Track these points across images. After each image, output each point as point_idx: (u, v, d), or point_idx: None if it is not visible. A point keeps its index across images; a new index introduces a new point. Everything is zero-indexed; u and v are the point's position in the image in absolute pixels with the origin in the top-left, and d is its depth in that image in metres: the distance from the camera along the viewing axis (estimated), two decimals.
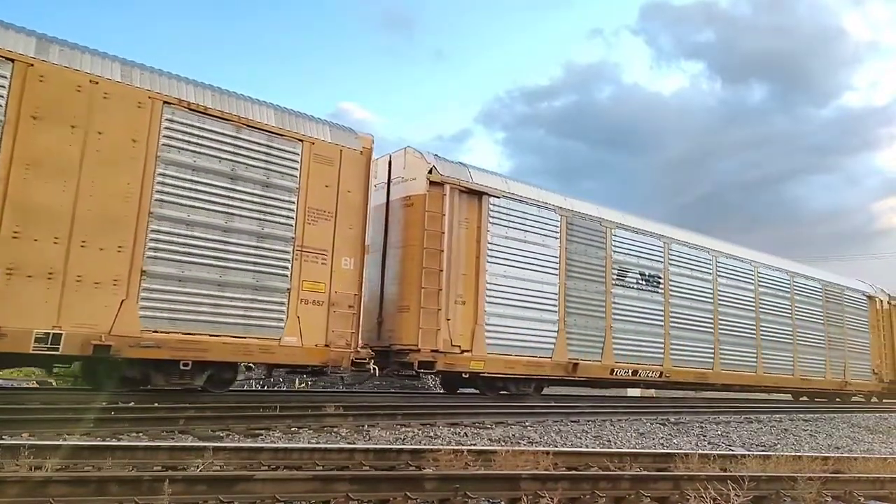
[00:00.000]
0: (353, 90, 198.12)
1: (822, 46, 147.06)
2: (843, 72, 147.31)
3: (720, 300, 16.74)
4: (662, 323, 15.04)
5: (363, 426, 8.27)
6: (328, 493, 4.29)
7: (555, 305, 12.99)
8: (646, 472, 5.56)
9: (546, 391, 14.38)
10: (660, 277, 15.20)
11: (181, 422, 7.43)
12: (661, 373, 14.81)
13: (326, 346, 9.68)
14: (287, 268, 9.50)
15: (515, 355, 12.15)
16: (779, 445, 9.11)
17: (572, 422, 10.22)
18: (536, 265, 12.76)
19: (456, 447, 6.05)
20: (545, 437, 8.40)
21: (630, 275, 14.56)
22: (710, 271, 16.66)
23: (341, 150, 10.28)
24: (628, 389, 19.69)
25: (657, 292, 15.06)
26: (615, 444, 8.43)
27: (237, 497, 4.06)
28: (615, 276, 14.19)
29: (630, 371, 14.16)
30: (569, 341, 13.07)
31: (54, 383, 15.90)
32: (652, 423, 10.65)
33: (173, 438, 6.83)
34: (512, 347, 12.10)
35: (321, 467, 5.30)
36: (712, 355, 16.30)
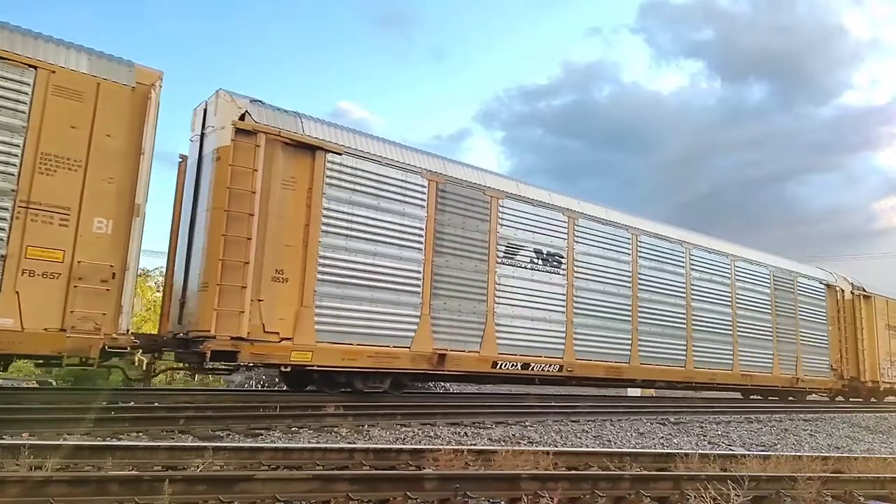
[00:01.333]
0: (351, 90, 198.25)
1: (822, 44, 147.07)
2: (843, 70, 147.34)
3: (640, 284, 14.64)
4: (564, 309, 12.96)
5: (363, 426, 8.27)
6: (328, 492, 4.29)
7: (417, 285, 10.86)
8: (646, 472, 5.56)
9: (546, 391, 14.36)
10: (562, 256, 13.13)
11: (181, 422, 7.43)
12: (562, 367, 12.80)
13: (62, 330, 7.65)
14: (1, 228, 7.47)
15: (358, 344, 10.08)
16: (779, 445, 9.11)
17: (572, 422, 10.23)
18: (392, 237, 10.67)
19: (456, 447, 6.05)
20: (545, 437, 8.40)
21: (522, 252, 12.48)
22: (629, 251, 14.58)
23: (99, 84, 8.20)
24: (628, 389, 19.58)
25: (558, 273, 12.99)
26: (615, 443, 8.43)
27: (237, 497, 4.06)
28: (501, 254, 12.13)
29: (519, 364, 12.10)
30: (434, 328, 11.00)
31: (54, 383, 15.93)
32: (652, 423, 10.65)
33: (173, 438, 6.83)
34: (353, 335, 10.04)
35: (321, 467, 5.30)
36: (629, 347, 14.16)
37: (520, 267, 12.45)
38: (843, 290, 21.13)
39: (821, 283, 20.32)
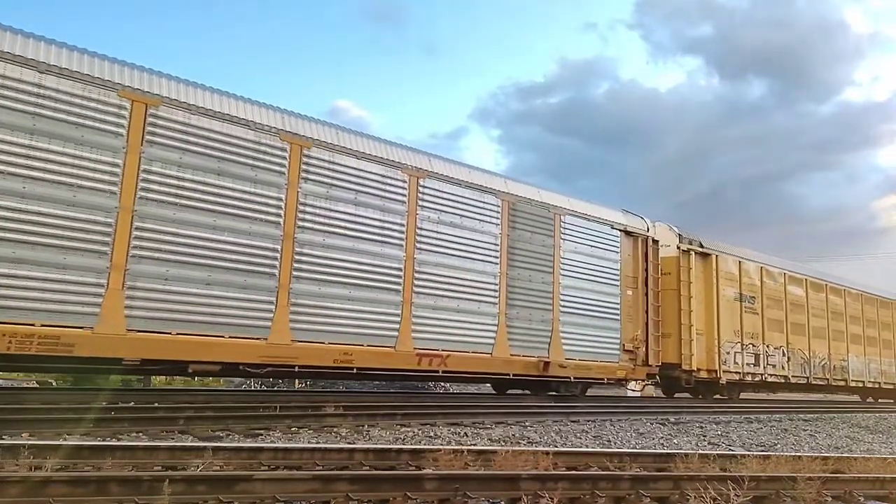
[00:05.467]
0: (348, 88, 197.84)
1: (822, 40, 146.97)
2: (843, 66, 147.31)
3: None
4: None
5: (363, 426, 8.27)
6: (328, 493, 4.29)
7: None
8: (646, 472, 5.57)
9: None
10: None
11: (181, 422, 7.43)
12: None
13: None
14: None
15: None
16: (779, 445, 9.12)
17: (572, 422, 10.23)
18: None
19: (456, 447, 6.05)
20: (545, 437, 8.40)
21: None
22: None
23: None
24: (628, 389, 19.46)
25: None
26: (615, 444, 8.43)
27: (237, 497, 4.06)
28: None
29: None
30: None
31: (54, 383, 15.93)
32: (652, 423, 10.65)
33: (173, 438, 6.83)
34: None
35: (321, 467, 5.30)
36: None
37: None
38: (655, 242, 15.06)
39: (613, 227, 14.25)
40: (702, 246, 16.42)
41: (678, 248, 16.03)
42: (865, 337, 22.37)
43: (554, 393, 13.43)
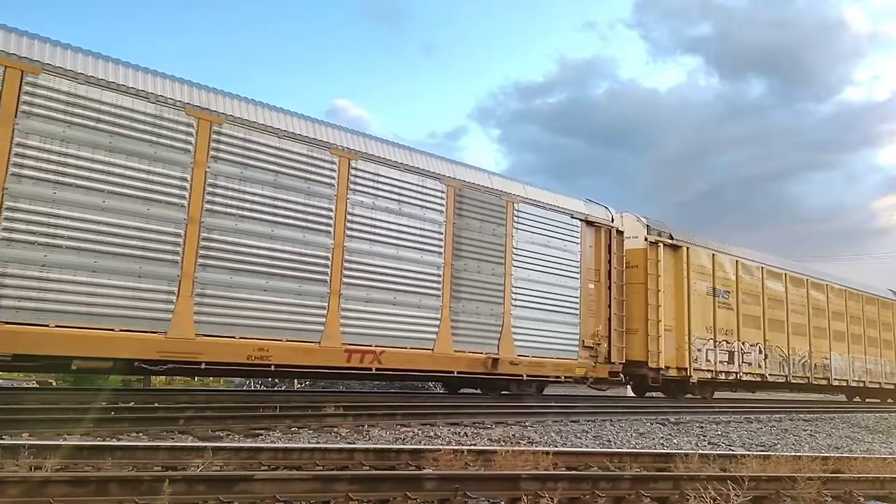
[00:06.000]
0: (347, 87, 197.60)
1: (822, 39, 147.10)
2: (843, 66, 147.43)
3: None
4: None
5: (363, 426, 8.27)
6: (328, 493, 4.29)
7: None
8: (646, 472, 5.57)
9: (546, 390, 14.34)
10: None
11: (181, 422, 7.43)
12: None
13: None
14: None
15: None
16: (779, 445, 9.12)
17: (572, 422, 10.23)
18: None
19: (456, 447, 6.06)
20: (545, 437, 8.40)
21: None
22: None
23: None
24: (628, 389, 19.42)
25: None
26: (615, 444, 8.43)
27: (237, 497, 4.06)
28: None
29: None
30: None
31: (54, 383, 15.93)
32: (652, 423, 10.65)
33: (173, 438, 6.83)
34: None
35: (321, 467, 5.30)
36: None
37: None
38: (620, 233, 14.30)
39: (573, 217, 13.38)
40: (672, 238, 15.62)
41: (646, 239, 15.15)
42: (850, 334, 21.60)
43: (506, 392, 12.68)
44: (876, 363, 22.81)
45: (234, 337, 9.00)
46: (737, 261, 17.47)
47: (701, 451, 6.95)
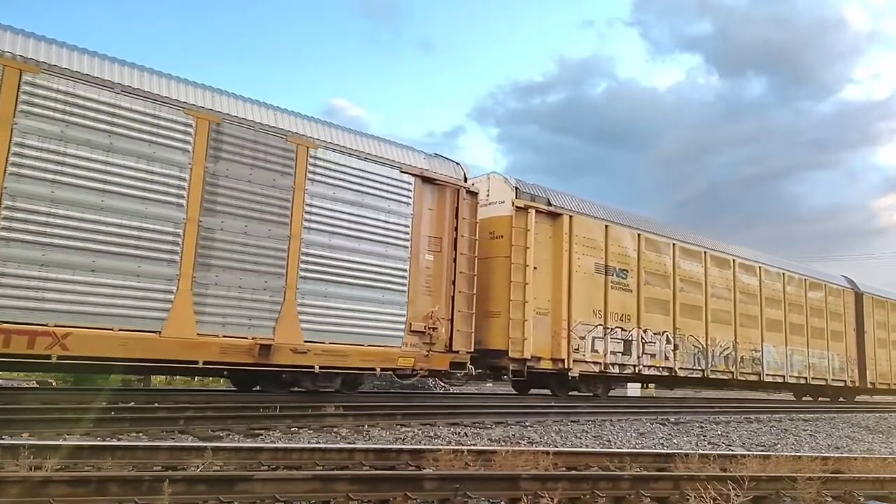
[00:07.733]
0: (345, 87, 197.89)
1: (822, 37, 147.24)
2: (842, 64, 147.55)
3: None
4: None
5: (363, 426, 8.27)
6: (328, 493, 4.29)
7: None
8: (646, 472, 5.57)
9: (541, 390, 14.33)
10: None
11: (181, 422, 7.44)
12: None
13: None
14: None
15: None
16: (779, 445, 9.12)
17: (572, 422, 10.23)
18: None
19: (456, 447, 6.06)
20: (545, 437, 8.40)
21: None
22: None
23: None
24: (628, 389, 19.40)
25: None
26: (615, 444, 8.44)
27: (237, 497, 4.06)
28: None
29: None
30: None
31: (54, 383, 15.93)
32: (652, 423, 10.65)
33: (173, 438, 6.83)
34: None
35: (321, 467, 5.30)
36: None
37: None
38: (473, 194, 11.70)
39: (402, 171, 10.79)
40: (550, 204, 13.04)
41: (513, 204, 12.49)
42: (788, 324, 18.70)
43: (299, 389, 10.12)
44: (822, 357, 19.96)
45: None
46: (639, 234, 14.68)
47: (701, 451, 6.95)
